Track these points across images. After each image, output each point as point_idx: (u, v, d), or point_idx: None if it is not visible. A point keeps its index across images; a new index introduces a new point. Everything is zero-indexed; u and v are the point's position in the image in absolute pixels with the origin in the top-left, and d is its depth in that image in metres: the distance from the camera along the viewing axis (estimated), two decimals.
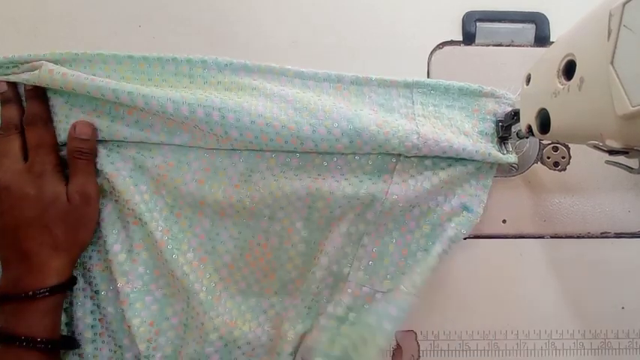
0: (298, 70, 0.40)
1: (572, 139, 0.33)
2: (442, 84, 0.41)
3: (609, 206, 0.42)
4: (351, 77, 0.41)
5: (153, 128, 0.38)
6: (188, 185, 0.39)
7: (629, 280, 0.42)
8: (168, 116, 0.36)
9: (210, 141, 0.38)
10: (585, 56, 0.27)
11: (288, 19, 0.44)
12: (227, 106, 0.36)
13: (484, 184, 0.40)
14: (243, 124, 0.36)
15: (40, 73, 0.36)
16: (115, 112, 0.38)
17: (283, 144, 0.37)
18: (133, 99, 0.36)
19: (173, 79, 0.39)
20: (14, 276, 0.35)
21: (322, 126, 0.37)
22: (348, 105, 0.39)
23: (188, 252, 0.39)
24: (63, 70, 0.36)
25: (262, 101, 0.38)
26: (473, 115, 0.40)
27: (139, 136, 0.38)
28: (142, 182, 0.39)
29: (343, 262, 0.39)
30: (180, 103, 0.36)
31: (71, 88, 0.36)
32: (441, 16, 0.44)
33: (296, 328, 0.38)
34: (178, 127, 0.38)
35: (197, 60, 0.39)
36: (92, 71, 0.39)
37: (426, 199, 0.39)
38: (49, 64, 0.37)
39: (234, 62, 0.39)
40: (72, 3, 0.44)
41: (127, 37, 0.44)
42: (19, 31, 0.43)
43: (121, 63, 0.39)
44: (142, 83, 0.39)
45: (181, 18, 0.44)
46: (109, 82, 0.36)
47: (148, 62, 0.39)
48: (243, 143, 0.37)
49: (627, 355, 0.41)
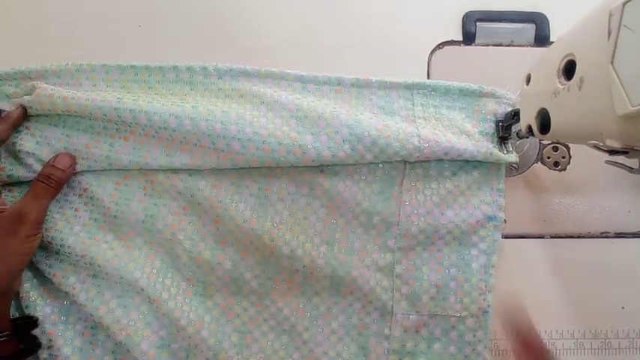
0: (298, 74, 0.40)
1: (572, 139, 0.33)
2: (442, 85, 0.41)
3: (609, 206, 0.42)
4: (351, 80, 0.41)
5: (151, 152, 0.38)
6: (208, 227, 0.39)
7: (629, 280, 0.42)
8: (170, 132, 0.36)
9: (210, 159, 0.38)
10: (585, 56, 0.27)
11: (288, 19, 0.44)
12: (229, 118, 0.36)
13: (498, 189, 0.40)
14: (245, 136, 0.36)
15: (41, 99, 0.36)
16: (111, 139, 0.38)
17: (285, 155, 0.37)
18: (136, 116, 0.36)
19: (174, 87, 0.39)
20: None
21: (324, 134, 0.37)
22: (349, 109, 0.39)
23: (215, 295, 0.39)
24: (63, 94, 0.36)
25: (264, 111, 0.38)
26: (473, 116, 0.40)
27: (139, 163, 0.38)
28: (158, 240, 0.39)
29: (384, 297, 0.39)
30: (183, 118, 0.36)
31: (73, 111, 0.36)
32: (441, 16, 0.44)
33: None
34: (177, 148, 0.38)
35: (197, 67, 0.39)
36: (94, 81, 0.39)
37: (445, 215, 0.39)
38: (48, 87, 0.37)
39: (234, 68, 0.40)
40: (72, 3, 0.44)
41: (127, 37, 0.44)
42: (19, 31, 0.43)
43: (123, 72, 0.39)
44: (144, 91, 0.39)
45: (181, 18, 0.44)
46: (110, 101, 0.36)
47: (149, 71, 0.39)
48: (245, 157, 0.37)
49: (627, 355, 0.41)
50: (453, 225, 0.39)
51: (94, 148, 0.37)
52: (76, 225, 0.37)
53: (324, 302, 0.40)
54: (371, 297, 0.39)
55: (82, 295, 0.36)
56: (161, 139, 0.38)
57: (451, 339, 0.39)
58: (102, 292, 0.37)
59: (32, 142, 0.37)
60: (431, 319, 0.39)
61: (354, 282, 0.39)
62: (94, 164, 0.38)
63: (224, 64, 0.39)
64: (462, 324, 0.39)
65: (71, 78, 0.39)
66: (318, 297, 0.39)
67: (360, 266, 0.39)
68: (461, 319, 0.39)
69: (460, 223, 0.39)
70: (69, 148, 0.37)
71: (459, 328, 0.39)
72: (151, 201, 0.39)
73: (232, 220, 0.38)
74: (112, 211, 0.38)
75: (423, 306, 0.39)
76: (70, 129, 0.38)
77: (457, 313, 0.39)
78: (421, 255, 0.40)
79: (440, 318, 0.39)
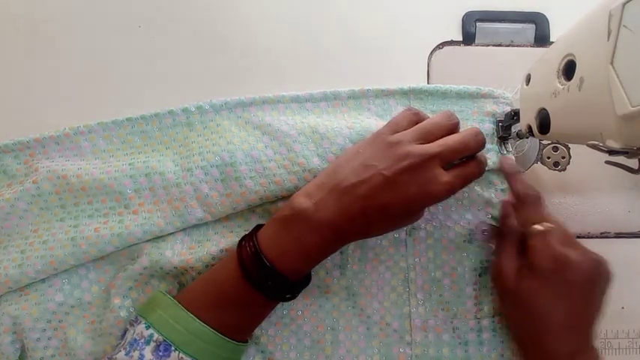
0: (294, 95, 0.40)
1: (572, 139, 0.33)
2: (439, 89, 0.40)
3: (609, 206, 0.42)
4: (347, 92, 0.40)
5: (165, 219, 0.37)
6: (218, 256, 0.38)
7: (629, 280, 0.42)
8: (183, 186, 0.37)
9: (223, 207, 0.37)
10: (585, 56, 0.27)
11: (287, 20, 0.44)
12: (237, 160, 0.37)
13: (502, 190, 0.40)
14: (256, 174, 0.37)
15: (54, 182, 0.37)
16: (119, 216, 0.37)
17: (297, 182, 0.37)
18: (151, 179, 0.37)
19: (173, 132, 0.39)
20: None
21: (330, 154, 0.37)
22: (348, 120, 0.39)
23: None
24: (76, 172, 0.37)
25: (267, 142, 0.38)
26: (472, 118, 0.40)
27: (153, 232, 0.37)
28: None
29: (401, 303, 0.39)
30: (194, 169, 0.37)
31: (87, 190, 0.37)
32: (441, 16, 0.44)
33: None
34: (187, 207, 0.37)
35: (193, 107, 0.39)
36: (94, 142, 0.39)
37: (450, 217, 0.39)
38: (58, 169, 0.37)
39: (229, 101, 0.40)
40: (72, 3, 0.44)
41: (127, 37, 0.44)
42: (19, 31, 0.43)
43: (120, 127, 0.39)
44: (145, 142, 0.39)
45: (181, 18, 0.44)
46: (124, 170, 0.37)
47: (145, 120, 0.39)
48: (259, 194, 0.37)
49: (627, 355, 0.41)
50: (460, 227, 0.39)
51: (104, 230, 0.37)
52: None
53: (342, 315, 0.39)
54: (387, 305, 0.39)
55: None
56: (171, 201, 0.37)
57: (471, 341, 0.39)
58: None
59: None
60: (450, 322, 0.39)
61: (368, 291, 0.39)
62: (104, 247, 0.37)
63: (218, 99, 0.40)
64: (480, 326, 0.39)
65: (70, 142, 0.39)
66: (336, 310, 0.39)
67: (374, 274, 0.39)
68: (479, 321, 0.39)
69: (466, 224, 0.39)
70: (77, 237, 0.36)
71: (479, 331, 0.39)
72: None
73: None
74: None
75: (440, 310, 0.39)
76: (75, 219, 0.37)
77: (475, 315, 0.39)
78: (434, 260, 0.40)
79: (458, 321, 0.39)
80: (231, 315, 0.33)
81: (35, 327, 0.37)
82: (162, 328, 0.31)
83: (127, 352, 0.31)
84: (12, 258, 0.36)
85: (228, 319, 0.32)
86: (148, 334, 0.31)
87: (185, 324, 0.31)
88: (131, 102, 0.42)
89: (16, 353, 0.37)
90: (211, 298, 0.33)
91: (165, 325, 0.31)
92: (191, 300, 0.33)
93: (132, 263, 0.37)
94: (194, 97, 0.40)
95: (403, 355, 0.39)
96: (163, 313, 0.32)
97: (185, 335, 0.31)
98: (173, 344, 0.31)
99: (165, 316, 0.32)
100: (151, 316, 0.32)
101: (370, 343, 0.39)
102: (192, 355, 0.31)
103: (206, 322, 0.31)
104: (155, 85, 0.43)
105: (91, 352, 0.37)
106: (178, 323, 0.31)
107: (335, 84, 0.41)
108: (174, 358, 0.30)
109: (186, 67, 0.44)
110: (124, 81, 0.43)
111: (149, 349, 0.31)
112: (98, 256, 0.37)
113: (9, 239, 0.38)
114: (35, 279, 0.37)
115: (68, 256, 0.36)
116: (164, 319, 0.32)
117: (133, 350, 0.31)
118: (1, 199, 0.37)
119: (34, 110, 0.43)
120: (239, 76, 0.43)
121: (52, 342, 0.37)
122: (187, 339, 0.31)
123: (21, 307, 0.37)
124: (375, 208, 0.32)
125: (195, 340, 0.31)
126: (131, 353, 0.31)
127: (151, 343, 0.31)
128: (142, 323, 0.32)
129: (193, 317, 0.31)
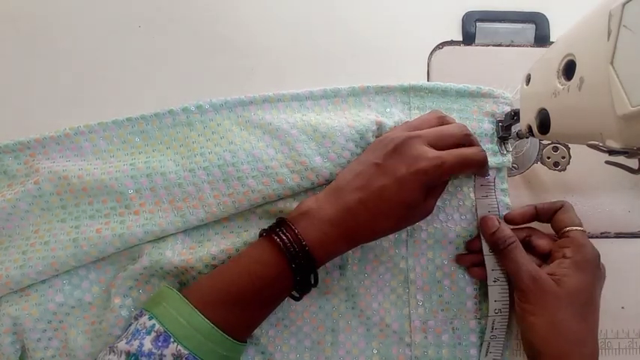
0: (294, 93, 0.40)
1: (572, 139, 0.33)
2: (439, 87, 0.40)
3: (609, 206, 0.42)
4: (347, 89, 0.40)
5: (167, 219, 0.37)
6: (219, 258, 0.38)
7: (629, 280, 0.42)
8: (185, 186, 0.37)
9: (226, 207, 0.37)
10: (585, 56, 0.27)
11: (287, 20, 0.44)
12: (239, 159, 0.37)
13: (502, 190, 0.40)
14: (259, 172, 0.37)
15: (55, 182, 0.37)
16: (120, 217, 0.37)
17: (300, 181, 0.37)
18: (153, 180, 0.37)
19: (174, 131, 0.39)
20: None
21: (332, 152, 0.37)
22: (349, 118, 0.39)
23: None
24: (77, 172, 0.37)
25: (269, 141, 0.38)
26: (472, 117, 0.40)
27: (154, 232, 0.37)
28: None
29: (400, 304, 0.39)
30: (196, 170, 0.37)
31: (88, 190, 0.37)
32: (441, 16, 0.44)
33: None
34: (189, 208, 0.37)
35: (192, 106, 0.39)
36: (94, 142, 0.39)
37: (452, 218, 0.40)
38: (59, 170, 0.37)
39: (229, 100, 0.40)
40: (72, 3, 0.44)
41: (127, 37, 0.44)
42: (19, 31, 0.43)
43: (121, 127, 0.39)
44: (145, 142, 0.39)
45: (181, 18, 0.44)
46: (125, 170, 0.37)
47: (145, 120, 0.39)
48: (262, 194, 0.37)
49: (627, 355, 0.41)
50: (461, 228, 0.39)
51: (105, 231, 0.36)
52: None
53: (342, 316, 0.39)
54: (387, 306, 0.39)
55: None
56: (172, 202, 0.37)
57: (472, 342, 0.39)
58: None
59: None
60: (450, 323, 0.39)
61: (368, 292, 0.39)
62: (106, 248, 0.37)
63: (218, 99, 0.39)
64: (481, 326, 0.39)
65: (71, 142, 0.39)
66: (336, 311, 0.39)
67: (374, 275, 0.39)
68: (479, 321, 0.39)
69: (467, 225, 0.39)
70: (79, 238, 0.36)
71: (479, 331, 0.39)
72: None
73: (245, 244, 0.37)
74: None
75: (440, 311, 0.39)
76: (76, 220, 0.37)
77: (475, 316, 0.39)
78: (434, 261, 0.40)
79: (458, 321, 0.39)
80: (235, 313, 0.33)
81: (35, 327, 0.37)
82: (165, 320, 0.32)
83: (128, 341, 0.31)
84: (13, 259, 0.36)
85: (232, 317, 0.33)
86: (150, 325, 0.32)
87: (188, 318, 0.32)
88: (131, 102, 0.42)
89: (16, 354, 0.37)
90: (221, 295, 0.33)
91: (169, 317, 0.32)
92: (198, 296, 0.33)
93: (132, 263, 0.37)
94: (194, 97, 0.40)
95: (403, 356, 0.39)
96: (168, 306, 0.32)
97: (187, 329, 0.31)
98: (173, 336, 0.31)
99: (169, 309, 0.32)
100: (155, 308, 0.33)
101: (370, 344, 0.39)
102: (190, 349, 0.31)
103: (210, 318, 0.32)
104: (155, 85, 0.43)
105: (90, 352, 0.37)
106: (182, 316, 0.32)
107: (335, 84, 0.41)
108: (172, 349, 0.31)
109: (186, 67, 0.44)
110: (124, 81, 0.43)
111: (149, 339, 0.31)
112: (99, 257, 0.37)
113: (10, 240, 0.38)
114: (36, 280, 0.36)
115: (70, 257, 0.36)
116: (168, 312, 0.32)
117: (134, 339, 0.31)
118: (3, 200, 0.37)
119: (34, 110, 0.43)
120: (239, 76, 0.43)
121: (53, 342, 0.37)
122: (188, 332, 0.31)
123: (21, 308, 0.37)
124: (371, 195, 0.33)
125: (196, 335, 0.31)
126: (131, 342, 0.31)
127: (151, 333, 0.31)
128: (145, 315, 0.32)
129: (197, 312, 0.32)
